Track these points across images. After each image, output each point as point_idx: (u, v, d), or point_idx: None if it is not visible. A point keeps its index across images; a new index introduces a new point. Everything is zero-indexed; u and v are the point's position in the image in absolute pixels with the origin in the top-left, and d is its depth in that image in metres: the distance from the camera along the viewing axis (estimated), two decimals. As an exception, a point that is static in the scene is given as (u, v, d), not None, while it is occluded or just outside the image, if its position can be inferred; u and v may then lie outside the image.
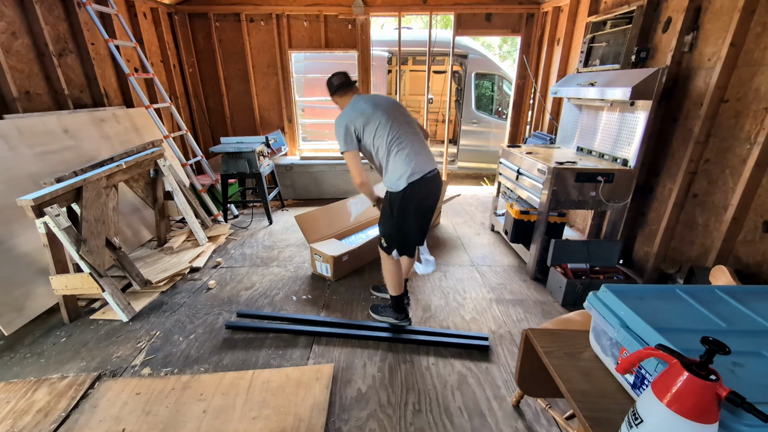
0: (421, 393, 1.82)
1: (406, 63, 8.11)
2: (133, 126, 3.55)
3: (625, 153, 2.61)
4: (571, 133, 3.30)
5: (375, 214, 3.56)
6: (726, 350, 0.77)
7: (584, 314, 1.63)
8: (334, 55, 5.17)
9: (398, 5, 4.50)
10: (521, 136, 5.03)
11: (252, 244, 3.52)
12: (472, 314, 2.45)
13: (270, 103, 4.96)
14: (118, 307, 2.33)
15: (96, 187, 2.44)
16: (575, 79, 3.01)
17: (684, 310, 1.10)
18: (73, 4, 3.16)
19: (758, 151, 1.93)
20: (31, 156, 2.58)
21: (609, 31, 3.01)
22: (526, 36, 4.60)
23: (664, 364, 0.84)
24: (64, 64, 3.12)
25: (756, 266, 2.00)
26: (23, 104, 2.75)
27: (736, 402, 0.72)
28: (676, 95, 2.51)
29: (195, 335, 2.24)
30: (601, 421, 0.92)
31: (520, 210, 2.97)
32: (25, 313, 2.25)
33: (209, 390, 1.79)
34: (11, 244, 2.30)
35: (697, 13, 2.35)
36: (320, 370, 1.91)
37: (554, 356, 1.15)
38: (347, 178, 4.83)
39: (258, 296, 2.65)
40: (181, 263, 2.97)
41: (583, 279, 2.47)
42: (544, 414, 1.69)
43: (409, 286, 2.76)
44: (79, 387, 1.82)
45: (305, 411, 1.67)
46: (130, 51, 3.78)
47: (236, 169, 3.79)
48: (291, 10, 4.49)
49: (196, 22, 4.56)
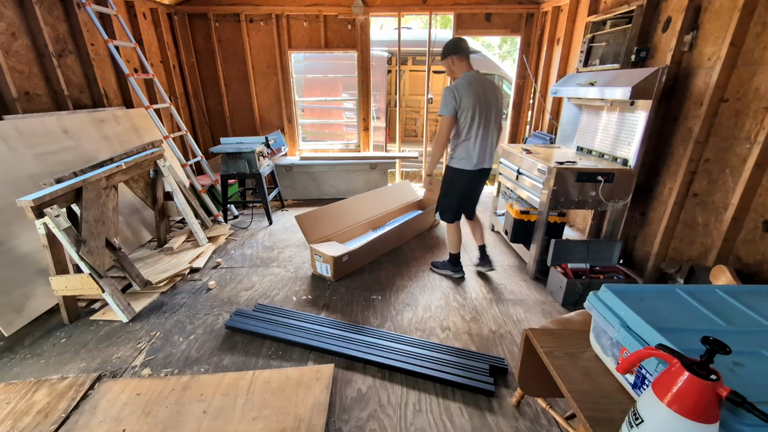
0: (421, 393, 1.82)
1: (406, 63, 8.10)
2: (132, 126, 3.55)
3: (625, 153, 2.61)
4: (571, 133, 3.30)
5: (375, 214, 3.57)
6: (726, 350, 0.77)
7: (584, 314, 1.63)
8: (334, 55, 5.18)
9: (398, 5, 4.50)
10: (521, 135, 5.03)
11: (252, 245, 3.52)
12: (472, 314, 2.44)
13: (270, 103, 4.96)
14: (118, 307, 2.33)
15: (96, 188, 2.44)
16: (575, 79, 3.01)
17: (684, 309, 1.10)
18: (72, 5, 3.16)
19: (758, 150, 1.93)
20: (31, 157, 2.57)
21: (609, 30, 3.01)
22: (525, 36, 4.59)
23: (664, 364, 0.84)
24: (63, 64, 3.12)
25: (756, 266, 2.00)
26: (23, 105, 2.75)
27: (737, 402, 0.72)
28: (676, 95, 2.51)
29: (195, 336, 2.24)
30: (602, 421, 0.92)
31: (520, 210, 2.96)
32: (24, 314, 2.25)
33: (209, 390, 1.79)
34: (11, 244, 2.30)
35: (697, 13, 2.35)
36: (320, 371, 1.91)
37: (554, 356, 1.15)
38: (347, 178, 4.83)
39: (258, 297, 2.65)
40: (181, 264, 2.97)
41: (583, 279, 2.47)
42: (545, 414, 1.69)
43: (409, 286, 2.78)
44: (79, 388, 1.82)
45: (305, 411, 1.66)
46: (130, 51, 3.78)
47: (236, 170, 3.79)
48: (291, 10, 4.48)
49: (196, 23, 4.56)
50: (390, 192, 3.94)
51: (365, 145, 5.23)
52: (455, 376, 1.86)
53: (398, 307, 2.53)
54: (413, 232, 3.67)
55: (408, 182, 4.27)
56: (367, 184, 4.83)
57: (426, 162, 2.41)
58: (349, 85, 5.57)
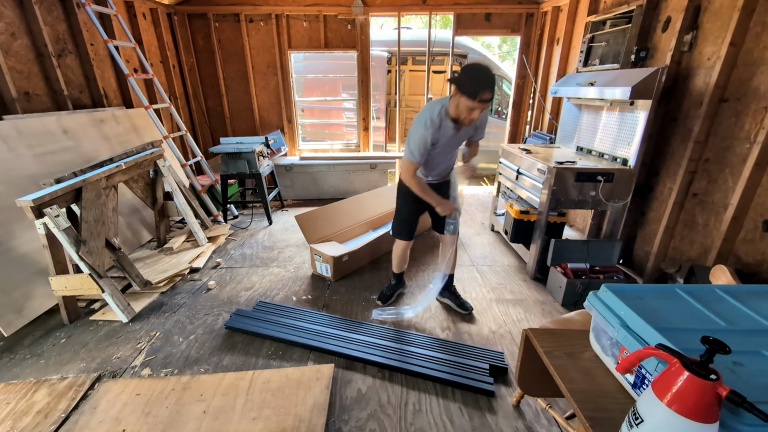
0: (421, 393, 1.82)
1: (406, 63, 8.09)
2: (132, 126, 3.54)
3: (624, 152, 2.61)
4: (571, 133, 3.30)
5: (375, 214, 3.57)
6: (726, 350, 0.77)
7: (584, 314, 1.63)
8: (334, 55, 5.18)
9: (398, 5, 4.50)
10: (521, 135, 5.03)
11: (252, 245, 3.52)
12: (472, 314, 2.44)
13: (269, 103, 4.96)
14: (117, 307, 2.33)
15: (95, 188, 2.44)
16: (575, 79, 3.01)
17: (684, 309, 1.10)
18: (72, 5, 3.16)
19: (758, 150, 1.93)
20: (31, 157, 2.57)
21: (608, 30, 3.01)
22: (525, 36, 4.59)
23: (664, 364, 0.84)
24: (63, 64, 3.12)
25: (756, 265, 2.00)
26: (22, 105, 2.75)
27: (737, 401, 0.72)
28: (675, 95, 2.51)
29: (195, 336, 2.24)
30: (602, 420, 0.92)
31: (520, 210, 2.96)
32: (24, 314, 2.25)
33: (209, 391, 1.79)
34: (11, 245, 2.30)
35: (697, 13, 2.35)
36: (320, 371, 1.91)
37: (554, 356, 1.15)
38: (347, 178, 4.83)
39: (258, 297, 2.65)
40: (181, 264, 2.97)
41: (583, 279, 2.47)
42: (545, 414, 1.69)
43: (409, 286, 2.78)
44: (78, 388, 1.82)
45: (305, 411, 1.66)
46: (130, 51, 3.78)
47: (236, 170, 3.79)
48: (290, 10, 4.48)
49: (196, 23, 4.56)
50: (390, 192, 3.93)
51: (365, 145, 5.23)
52: (455, 376, 1.86)
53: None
54: (413, 232, 3.66)
55: (408, 182, 4.26)
56: (367, 184, 4.83)
57: None
58: (348, 85, 5.58)
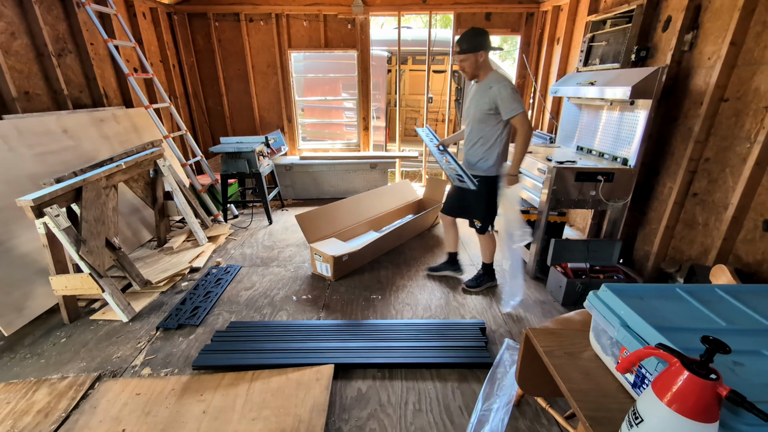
0: (421, 392, 1.82)
1: (406, 62, 8.10)
2: (132, 126, 3.54)
3: (625, 152, 2.61)
4: (571, 133, 3.30)
5: (375, 214, 3.57)
6: (726, 349, 0.77)
7: (584, 314, 1.63)
8: (334, 54, 5.17)
9: (398, 5, 4.50)
10: (521, 135, 5.02)
11: (252, 244, 3.52)
12: (472, 314, 2.44)
13: (270, 102, 4.95)
14: (118, 307, 2.33)
15: (96, 188, 2.44)
16: (575, 79, 3.01)
17: (684, 309, 1.10)
18: (72, 4, 3.16)
19: (758, 149, 1.93)
20: (31, 156, 2.57)
21: (609, 30, 3.01)
22: (525, 35, 4.59)
23: (664, 364, 0.84)
24: (63, 64, 3.11)
25: (756, 265, 2.00)
26: (22, 104, 2.74)
27: (737, 401, 0.72)
28: (676, 94, 2.51)
29: (195, 335, 2.24)
30: (602, 420, 0.92)
31: (520, 209, 2.96)
32: (25, 314, 2.25)
33: (209, 390, 1.79)
34: (11, 244, 2.30)
35: (697, 12, 2.34)
36: (320, 371, 1.91)
37: (554, 356, 1.14)
38: (347, 178, 4.83)
39: (258, 296, 2.65)
40: (181, 263, 2.97)
41: (583, 278, 2.47)
42: (545, 413, 1.69)
43: (409, 286, 2.77)
44: (79, 387, 1.82)
45: (305, 411, 1.66)
46: (130, 51, 3.77)
47: (236, 169, 3.79)
48: (290, 9, 4.48)
49: (196, 22, 4.56)
50: (390, 192, 3.94)
51: (365, 144, 5.23)
52: (451, 357, 2.00)
53: (398, 306, 2.53)
54: (413, 232, 3.67)
55: (408, 182, 4.26)
56: (367, 183, 4.83)
57: (515, 161, 2.31)
58: (349, 84, 5.57)
